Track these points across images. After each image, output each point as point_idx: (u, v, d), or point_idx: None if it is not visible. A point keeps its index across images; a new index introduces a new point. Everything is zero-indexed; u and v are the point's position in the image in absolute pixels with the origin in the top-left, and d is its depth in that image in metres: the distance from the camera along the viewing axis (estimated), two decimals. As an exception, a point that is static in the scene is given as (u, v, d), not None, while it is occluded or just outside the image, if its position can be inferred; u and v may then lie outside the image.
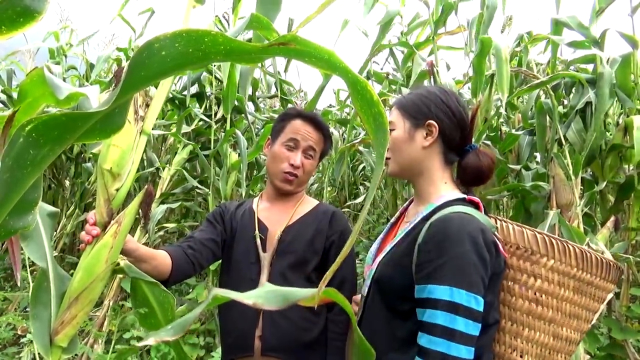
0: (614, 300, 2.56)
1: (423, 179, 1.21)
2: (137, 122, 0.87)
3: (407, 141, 1.19)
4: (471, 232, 1.02)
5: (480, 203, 1.16)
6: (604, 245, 2.05)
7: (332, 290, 0.70)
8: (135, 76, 0.58)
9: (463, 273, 0.99)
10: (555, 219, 2.23)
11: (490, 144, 2.80)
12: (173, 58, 0.59)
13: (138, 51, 0.57)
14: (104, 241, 0.85)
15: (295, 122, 1.56)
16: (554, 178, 2.38)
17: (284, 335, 1.42)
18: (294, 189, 1.59)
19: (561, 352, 1.15)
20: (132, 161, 0.86)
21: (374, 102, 0.61)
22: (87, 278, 0.79)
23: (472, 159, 1.19)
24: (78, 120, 0.58)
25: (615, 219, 2.24)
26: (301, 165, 1.54)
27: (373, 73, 3.83)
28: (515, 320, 1.13)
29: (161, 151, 3.86)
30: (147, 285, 0.89)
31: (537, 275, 1.12)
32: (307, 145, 1.55)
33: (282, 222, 1.55)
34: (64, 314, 0.77)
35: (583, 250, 1.13)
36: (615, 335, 2.43)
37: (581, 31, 2.46)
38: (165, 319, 0.92)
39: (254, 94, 4.00)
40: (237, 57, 0.63)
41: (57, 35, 4.99)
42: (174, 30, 0.58)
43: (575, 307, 1.14)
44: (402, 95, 1.30)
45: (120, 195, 0.84)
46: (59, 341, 0.76)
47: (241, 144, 3.09)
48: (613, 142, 2.41)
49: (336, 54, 0.62)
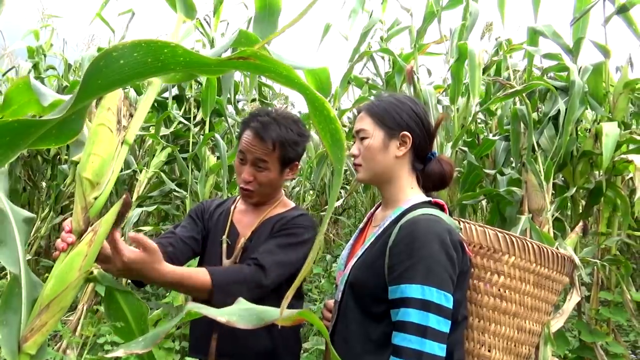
0: (584, 303, 2.63)
1: (391, 185, 1.24)
2: (120, 131, 0.86)
3: (381, 151, 1.21)
4: (439, 233, 1.07)
5: (444, 205, 1.22)
6: (572, 250, 2.11)
7: (307, 311, 0.71)
8: (92, 84, 0.58)
9: (433, 272, 1.03)
10: (527, 223, 2.29)
11: (467, 149, 2.86)
12: (131, 67, 0.59)
13: (96, 59, 0.56)
14: (79, 249, 0.84)
15: (245, 132, 1.46)
16: (527, 183, 2.44)
17: (239, 340, 1.37)
18: (258, 201, 1.51)
19: (525, 343, 1.22)
20: (112, 170, 0.85)
21: (331, 119, 0.63)
22: (60, 286, 0.78)
23: (436, 166, 1.25)
24: (31, 126, 0.58)
25: (584, 224, 2.31)
26: (253, 179, 1.44)
27: (353, 77, 3.87)
28: (482, 317, 1.19)
29: (139, 153, 3.83)
30: (121, 294, 0.89)
31: (500, 272, 1.18)
32: (254, 157, 1.43)
33: (252, 227, 1.49)
34: (34, 320, 0.76)
35: (540, 246, 1.20)
36: (584, 337, 2.50)
37: (556, 40, 2.53)
38: (138, 328, 0.92)
39: (234, 97, 4.00)
40: (196, 69, 0.64)
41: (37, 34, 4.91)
42: (133, 40, 0.58)
43: (536, 300, 1.22)
44: (372, 101, 1.30)
45: (99, 204, 0.83)
46: (27, 348, 0.75)
47: (220, 147, 3.09)
48: (584, 149, 2.49)
49: (294, 71, 0.63)
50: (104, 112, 0.79)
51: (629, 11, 2.25)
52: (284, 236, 1.40)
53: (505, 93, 2.33)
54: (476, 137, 3.67)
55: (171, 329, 0.74)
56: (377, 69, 3.95)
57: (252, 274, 1.29)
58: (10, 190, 3.76)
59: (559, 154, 2.42)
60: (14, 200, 3.81)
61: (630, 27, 2.29)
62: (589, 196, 2.53)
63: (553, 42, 2.53)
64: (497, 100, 2.46)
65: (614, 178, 2.45)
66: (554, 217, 2.44)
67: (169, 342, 2.89)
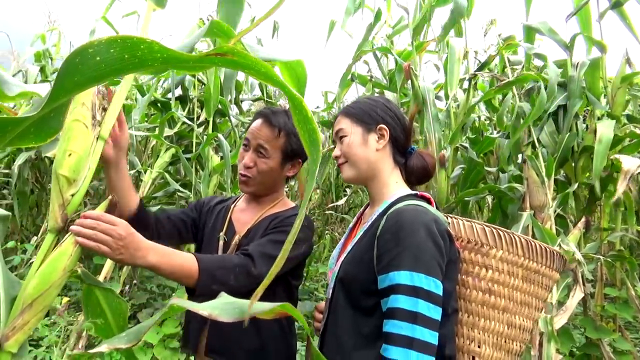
0: (589, 299, 2.60)
1: (377, 182, 1.28)
2: (95, 127, 0.87)
3: (361, 145, 1.26)
4: (425, 221, 1.09)
5: (431, 198, 1.24)
6: (574, 246, 2.09)
7: (288, 305, 0.71)
8: (67, 81, 0.58)
9: (421, 259, 1.04)
10: (529, 220, 2.27)
11: (468, 146, 2.84)
12: (108, 64, 0.59)
13: (70, 56, 0.56)
14: (64, 249, 0.85)
15: (255, 121, 1.51)
16: (528, 180, 2.42)
17: (228, 337, 1.39)
18: (255, 191, 1.52)
19: (516, 339, 1.21)
20: (89, 167, 0.86)
21: (309, 119, 0.63)
22: (43, 285, 0.79)
23: (417, 161, 1.30)
24: (8, 124, 0.58)
25: (586, 220, 2.29)
26: (253, 165, 1.46)
27: (357, 75, 3.86)
28: (471, 312, 1.19)
29: (144, 154, 3.86)
30: (101, 292, 0.91)
31: (488, 266, 1.19)
32: (257, 143, 1.46)
33: (248, 225, 1.50)
34: (16, 319, 0.78)
35: (528, 240, 1.20)
36: (590, 334, 2.47)
37: (552, 36, 2.51)
38: (117, 326, 0.93)
39: (237, 96, 4.02)
40: (174, 65, 0.64)
41: (44, 38, 4.97)
42: (109, 36, 0.58)
43: (526, 295, 1.22)
44: (348, 104, 1.37)
45: (75, 201, 0.85)
46: (9, 347, 0.76)
47: (224, 147, 3.11)
48: (584, 144, 2.46)
49: (272, 70, 0.64)
50: (79, 107, 0.80)
51: (623, 6, 2.25)
52: (277, 233, 1.41)
53: (497, 85, 2.33)
54: (480, 134, 3.65)
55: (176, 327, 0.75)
56: (380, 67, 3.94)
57: (239, 261, 1.29)
58: (18, 192, 3.82)
59: (560, 149, 2.40)
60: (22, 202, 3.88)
61: (624, 21, 2.29)
62: (591, 192, 2.50)
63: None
64: (490, 93, 2.45)
65: (616, 174, 2.41)
66: (556, 214, 2.42)
67: (174, 342, 2.91)
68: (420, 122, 2.49)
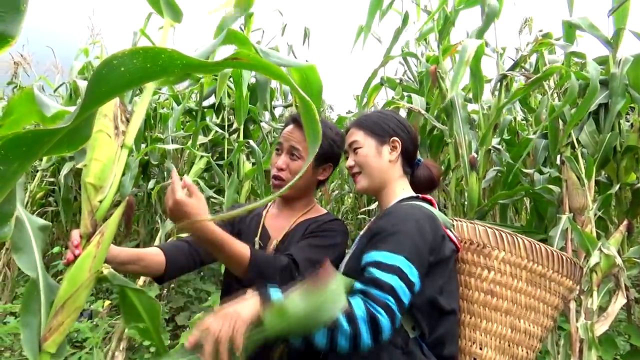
0: (634, 305, 2.48)
1: (386, 191, 1.34)
2: (118, 136, 0.91)
3: (376, 156, 1.34)
4: (417, 216, 1.14)
5: (433, 200, 1.29)
6: (615, 250, 2.00)
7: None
8: (96, 91, 0.62)
9: (404, 244, 1.08)
10: (568, 223, 2.20)
11: (501, 148, 2.77)
12: (132, 73, 0.62)
13: (98, 68, 0.60)
14: (88, 251, 0.88)
15: (287, 126, 1.55)
16: (567, 182, 2.33)
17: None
18: (289, 193, 1.53)
19: (521, 345, 1.18)
20: (114, 174, 0.90)
21: (315, 120, 0.68)
22: (72, 287, 0.83)
23: (424, 171, 1.39)
24: (44, 136, 0.62)
25: (628, 223, 2.18)
26: (286, 167, 1.49)
27: (387, 79, 3.84)
28: (473, 313, 1.20)
29: (180, 161, 3.96)
30: (134, 293, 0.94)
31: (490, 267, 1.19)
32: (289, 145, 1.49)
33: (284, 230, 1.52)
34: (52, 321, 0.82)
35: (532, 242, 1.19)
36: (635, 342, 2.36)
37: (593, 32, 2.41)
38: (153, 327, 0.97)
39: (270, 103, 4.07)
40: (194, 69, 0.67)
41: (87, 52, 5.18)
42: (132, 48, 0.61)
43: (531, 299, 1.19)
44: (359, 117, 1.44)
45: (104, 207, 0.88)
46: (47, 347, 0.81)
47: (256, 153, 3.16)
48: (628, 144, 2.36)
49: (284, 73, 0.67)
50: (101, 119, 0.84)
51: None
52: (317, 237, 1.43)
53: (526, 83, 2.26)
54: (516, 135, 3.55)
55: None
56: (410, 70, 3.91)
57: (287, 265, 1.31)
58: (63, 199, 3.99)
59: (601, 149, 2.31)
60: (66, 208, 4.05)
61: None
62: (635, 193, 2.39)
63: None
64: (519, 93, 2.37)
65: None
66: (597, 216, 2.33)
67: None
68: (450, 124, 2.45)
